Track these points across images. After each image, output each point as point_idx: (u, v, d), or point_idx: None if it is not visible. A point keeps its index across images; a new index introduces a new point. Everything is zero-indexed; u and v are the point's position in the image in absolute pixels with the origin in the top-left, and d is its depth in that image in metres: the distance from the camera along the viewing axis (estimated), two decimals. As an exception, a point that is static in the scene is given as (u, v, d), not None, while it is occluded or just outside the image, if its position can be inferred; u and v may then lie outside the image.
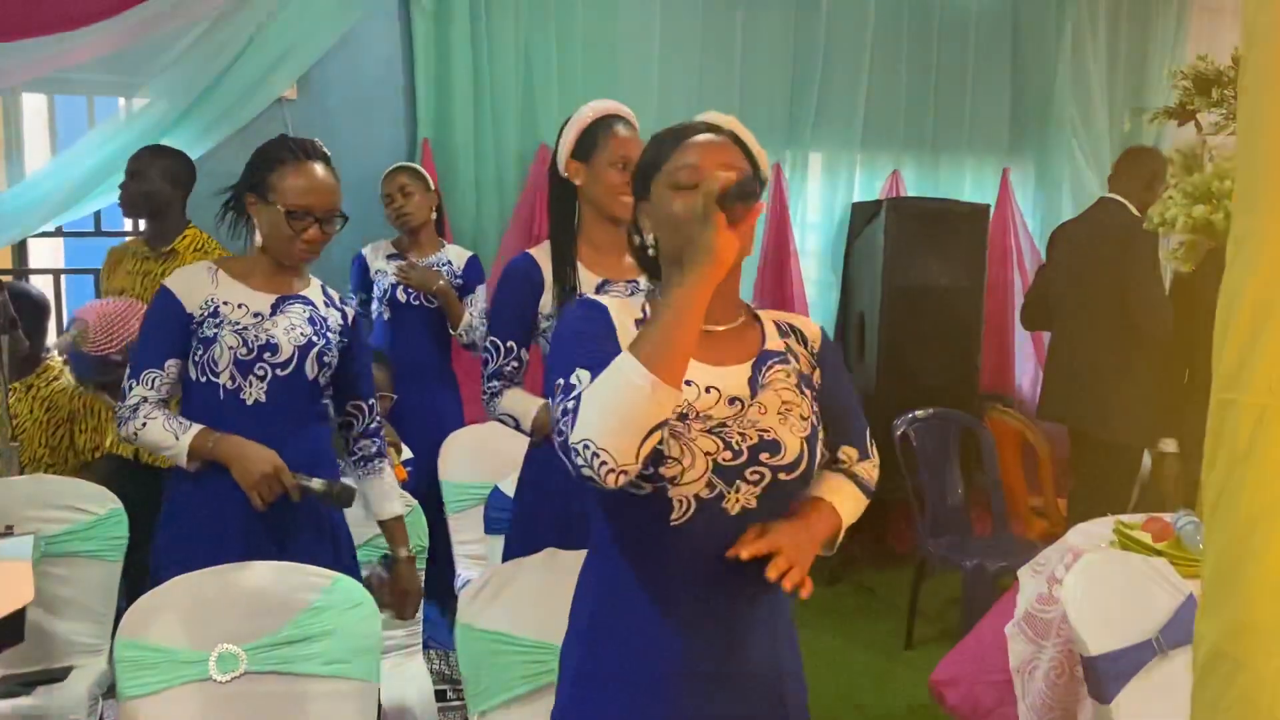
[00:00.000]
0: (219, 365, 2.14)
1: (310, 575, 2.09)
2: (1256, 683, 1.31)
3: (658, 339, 1.31)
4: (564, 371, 1.37)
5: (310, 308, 2.26)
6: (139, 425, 2.13)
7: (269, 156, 2.18)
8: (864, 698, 3.60)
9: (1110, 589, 2.25)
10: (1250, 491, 1.33)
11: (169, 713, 1.95)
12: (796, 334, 1.58)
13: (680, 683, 1.44)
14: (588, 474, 1.29)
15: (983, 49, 5.14)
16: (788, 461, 1.43)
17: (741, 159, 1.48)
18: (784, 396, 1.48)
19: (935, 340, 4.76)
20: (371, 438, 2.40)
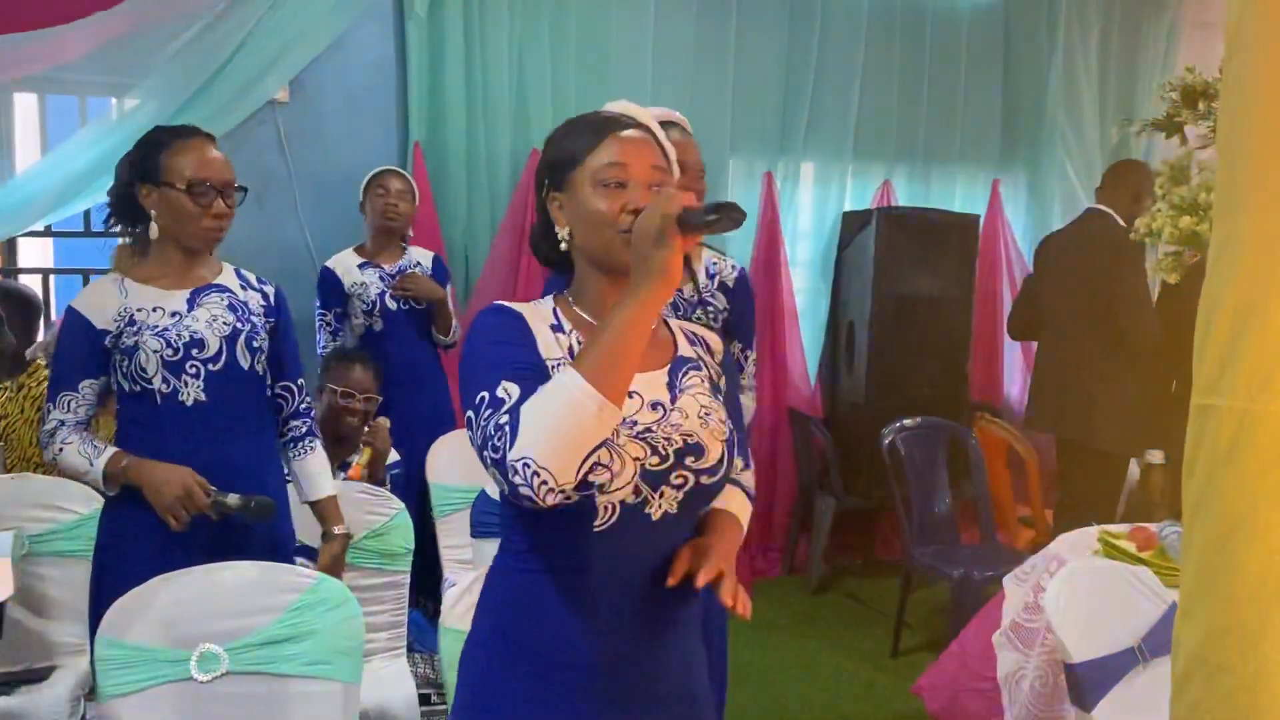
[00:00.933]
0: (149, 371, 2.11)
1: (293, 575, 2.09)
2: (1237, 686, 1.31)
3: (605, 357, 1.26)
4: (487, 384, 1.31)
5: (228, 294, 2.22)
6: (57, 450, 2.12)
7: (153, 142, 2.14)
8: (850, 706, 3.60)
9: (1093, 597, 2.25)
10: (1230, 496, 1.34)
11: (149, 712, 1.94)
12: (703, 343, 1.57)
13: (595, 692, 1.39)
14: (525, 493, 1.23)
15: (974, 61, 5.16)
16: (710, 465, 1.41)
17: (659, 155, 1.45)
18: (701, 401, 1.46)
19: (925, 350, 4.78)
20: (301, 418, 2.36)
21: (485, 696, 1.43)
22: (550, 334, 1.44)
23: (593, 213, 1.41)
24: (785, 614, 4.41)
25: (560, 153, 1.46)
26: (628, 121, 1.45)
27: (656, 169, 1.43)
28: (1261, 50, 1.29)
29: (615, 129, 1.44)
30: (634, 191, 1.40)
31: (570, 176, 1.44)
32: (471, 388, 1.34)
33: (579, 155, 1.43)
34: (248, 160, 3.70)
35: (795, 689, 3.70)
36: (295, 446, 2.36)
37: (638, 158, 1.42)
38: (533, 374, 1.33)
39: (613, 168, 1.40)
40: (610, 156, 1.41)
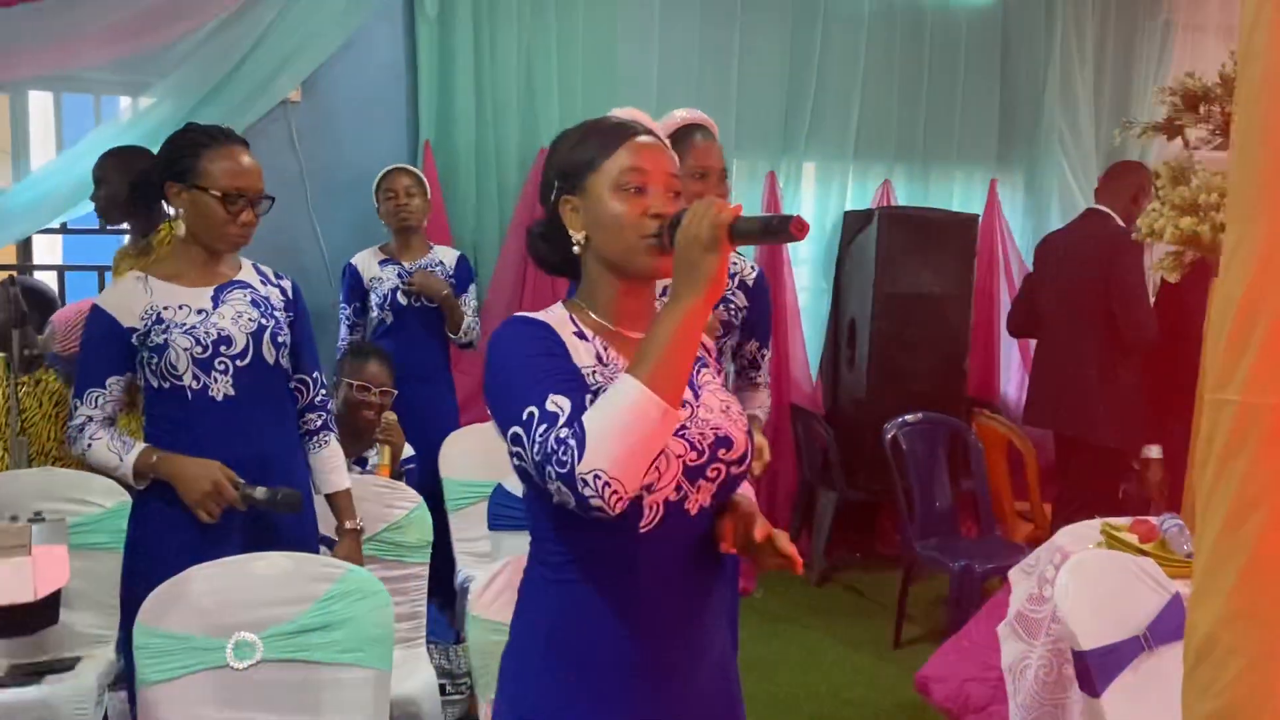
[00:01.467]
0: (179, 368, 2.16)
1: (324, 566, 2.15)
2: (1248, 666, 1.38)
3: (662, 364, 1.28)
4: (534, 399, 1.31)
5: (250, 290, 2.27)
6: (85, 445, 2.17)
7: (191, 143, 2.17)
8: (853, 694, 3.67)
9: (1101, 586, 2.32)
10: (1240, 486, 1.40)
11: (188, 698, 2.00)
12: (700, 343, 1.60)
13: (644, 690, 1.42)
14: (597, 504, 1.24)
15: (972, 63, 5.24)
16: (738, 455, 1.45)
17: (675, 165, 1.48)
18: (720, 396, 1.50)
19: (924, 346, 4.85)
20: (317, 411, 2.40)
21: (537, 709, 1.43)
22: (577, 341, 1.44)
23: (614, 217, 1.41)
24: (788, 606, 4.48)
25: (576, 157, 1.46)
26: (642, 129, 1.48)
27: (674, 176, 1.45)
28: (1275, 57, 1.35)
29: (632, 135, 1.46)
30: (654, 197, 1.42)
31: (587, 181, 1.44)
32: (514, 403, 1.32)
33: (597, 160, 1.44)
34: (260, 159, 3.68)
35: (800, 678, 3.77)
36: (311, 439, 2.41)
37: (656, 164, 1.44)
38: (577, 384, 1.34)
39: (633, 173, 1.42)
40: (630, 162, 1.42)
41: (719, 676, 1.52)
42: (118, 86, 3.84)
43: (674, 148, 2.30)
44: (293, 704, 2.05)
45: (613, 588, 1.40)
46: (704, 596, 1.46)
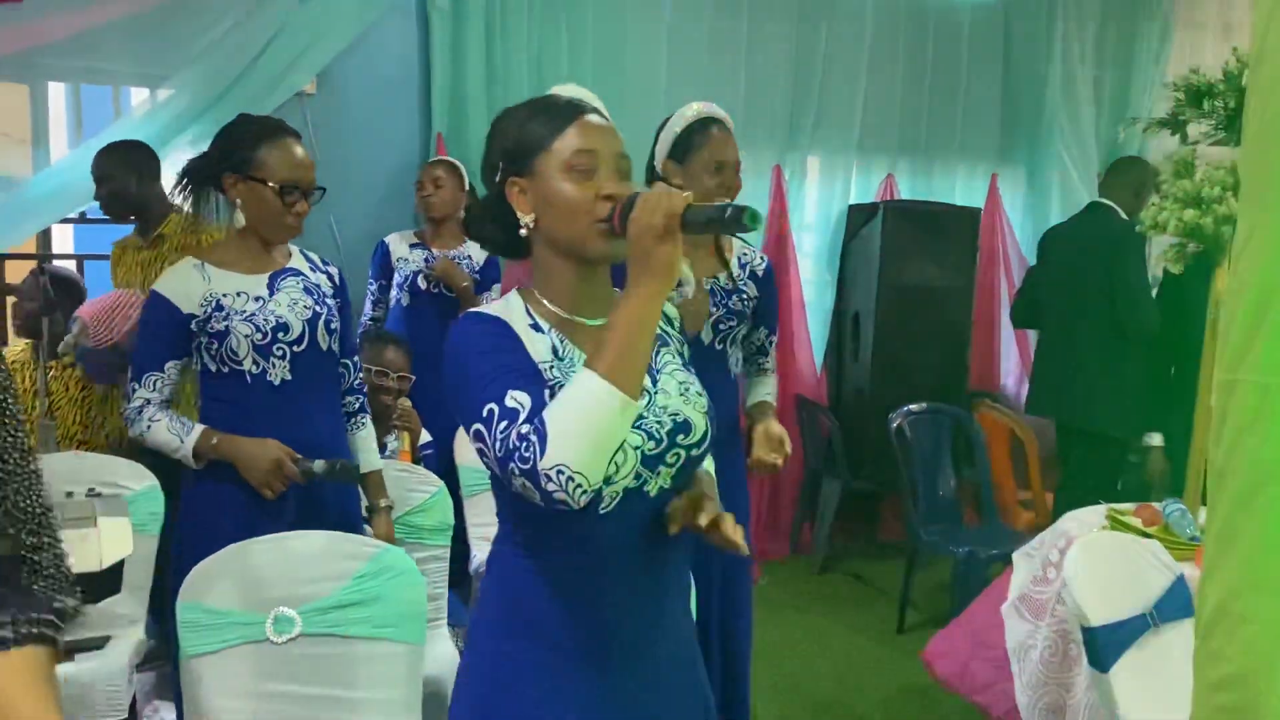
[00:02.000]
0: (239, 354, 2.23)
1: (358, 544, 2.20)
2: (1257, 634, 1.45)
3: (621, 356, 1.27)
4: (493, 396, 1.30)
5: (302, 278, 2.33)
6: (144, 427, 2.23)
7: (248, 135, 2.22)
8: (859, 678, 3.74)
9: (1109, 566, 2.39)
10: (1252, 461, 1.48)
11: (229, 670, 2.06)
12: (664, 316, 1.57)
13: (606, 657, 1.43)
14: (560, 498, 1.24)
15: (975, 59, 5.32)
16: (697, 439, 1.45)
17: (621, 145, 1.44)
18: (678, 377, 1.48)
19: (927, 338, 4.93)
20: (355, 394, 2.46)
21: (500, 672, 1.43)
22: (532, 334, 1.42)
23: (564, 200, 1.38)
24: (792, 593, 4.56)
25: (523, 137, 1.42)
26: (590, 107, 1.44)
27: (623, 157, 1.42)
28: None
29: (580, 114, 1.41)
30: (604, 178, 1.39)
31: (534, 162, 1.40)
32: (474, 401, 1.31)
33: (545, 140, 1.39)
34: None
35: (806, 663, 3.84)
36: (349, 421, 2.47)
37: (606, 144, 1.40)
38: (534, 379, 1.34)
39: (582, 154, 1.38)
40: (579, 143, 1.38)
41: (680, 649, 1.53)
42: (137, 78, 3.89)
43: (690, 140, 2.36)
44: (329, 677, 2.11)
45: (574, 562, 1.41)
46: (661, 568, 1.47)
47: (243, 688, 2.07)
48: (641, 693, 1.46)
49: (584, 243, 1.39)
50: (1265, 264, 1.46)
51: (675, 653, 1.52)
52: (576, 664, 1.42)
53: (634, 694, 1.45)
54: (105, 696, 2.53)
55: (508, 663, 1.43)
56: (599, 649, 1.42)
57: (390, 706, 2.13)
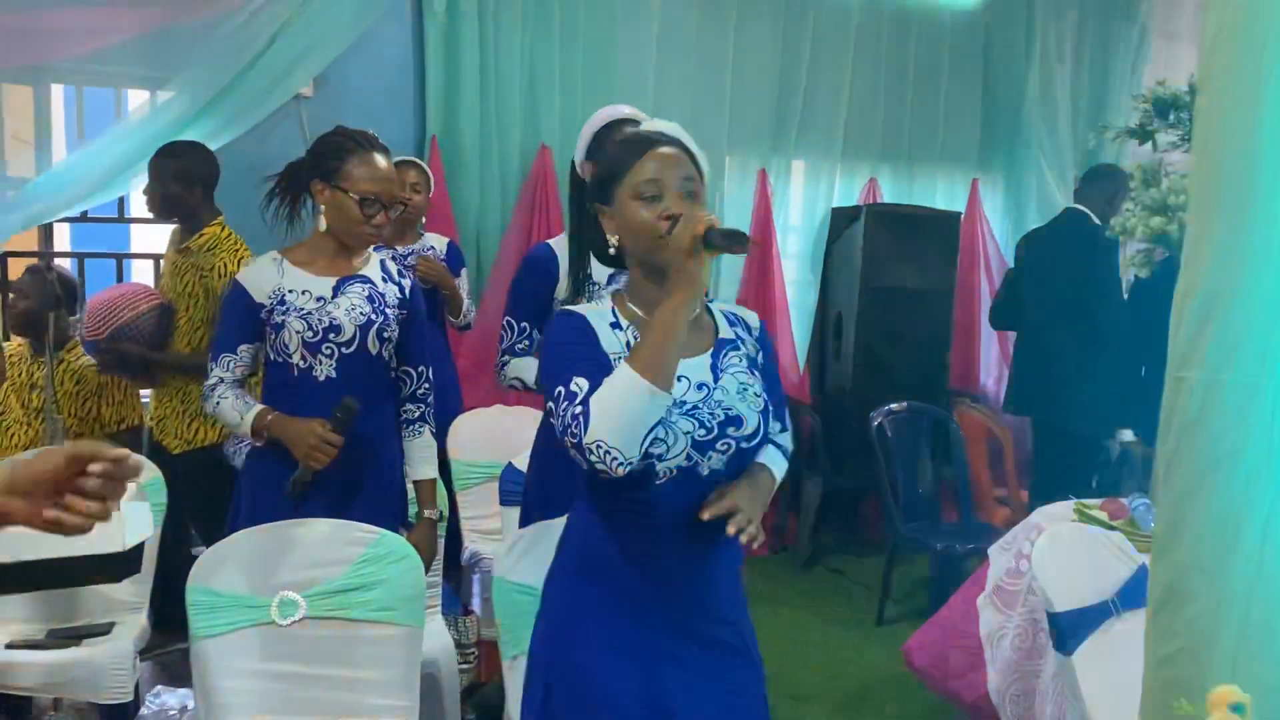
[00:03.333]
0: (290, 348, 2.34)
1: (358, 531, 2.30)
2: (1203, 611, 1.58)
3: (652, 353, 1.54)
4: (562, 380, 1.59)
5: (370, 286, 2.43)
6: (215, 404, 2.35)
7: (338, 147, 2.34)
8: (841, 668, 3.86)
9: (1074, 555, 2.51)
10: (1198, 451, 1.60)
11: (237, 651, 2.16)
12: (742, 323, 1.82)
13: (660, 604, 1.68)
14: (600, 468, 1.53)
15: (955, 67, 5.47)
16: (749, 433, 1.68)
17: (691, 168, 1.70)
18: (740, 379, 1.72)
19: (908, 339, 5.05)
20: (418, 403, 2.55)
21: (574, 615, 1.72)
22: (610, 331, 1.69)
23: (635, 223, 1.65)
24: (776, 587, 4.66)
25: (605, 170, 1.71)
26: (660, 138, 1.70)
27: (687, 179, 1.67)
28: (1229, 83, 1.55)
29: (651, 147, 1.68)
30: (669, 200, 1.64)
31: (614, 191, 1.69)
32: (550, 383, 1.62)
33: (620, 172, 1.68)
34: (273, 151, 3.84)
35: (789, 654, 3.95)
36: (407, 428, 2.55)
37: (670, 172, 1.66)
38: (598, 368, 1.59)
39: (648, 183, 1.65)
40: (647, 173, 1.65)
41: (728, 608, 1.75)
42: (138, 80, 3.96)
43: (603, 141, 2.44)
44: (332, 658, 2.21)
45: (636, 523, 1.67)
46: (710, 538, 1.66)
47: (249, 668, 2.18)
48: (689, 639, 1.70)
49: (652, 256, 1.66)
50: (1211, 271, 1.59)
51: (722, 611, 1.74)
52: (634, 606, 1.68)
53: (682, 640, 1.69)
54: (111, 679, 2.63)
55: (578, 601, 1.72)
56: (653, 598, 1.68)
57: (390, 686, 2.24)
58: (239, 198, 3.28)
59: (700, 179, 1.72)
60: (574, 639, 1.71)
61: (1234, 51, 1.56)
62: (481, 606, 3.54)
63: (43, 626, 2.78)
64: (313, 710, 2.19)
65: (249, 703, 2.16)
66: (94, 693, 2.63)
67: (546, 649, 1.76)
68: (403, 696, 2.25)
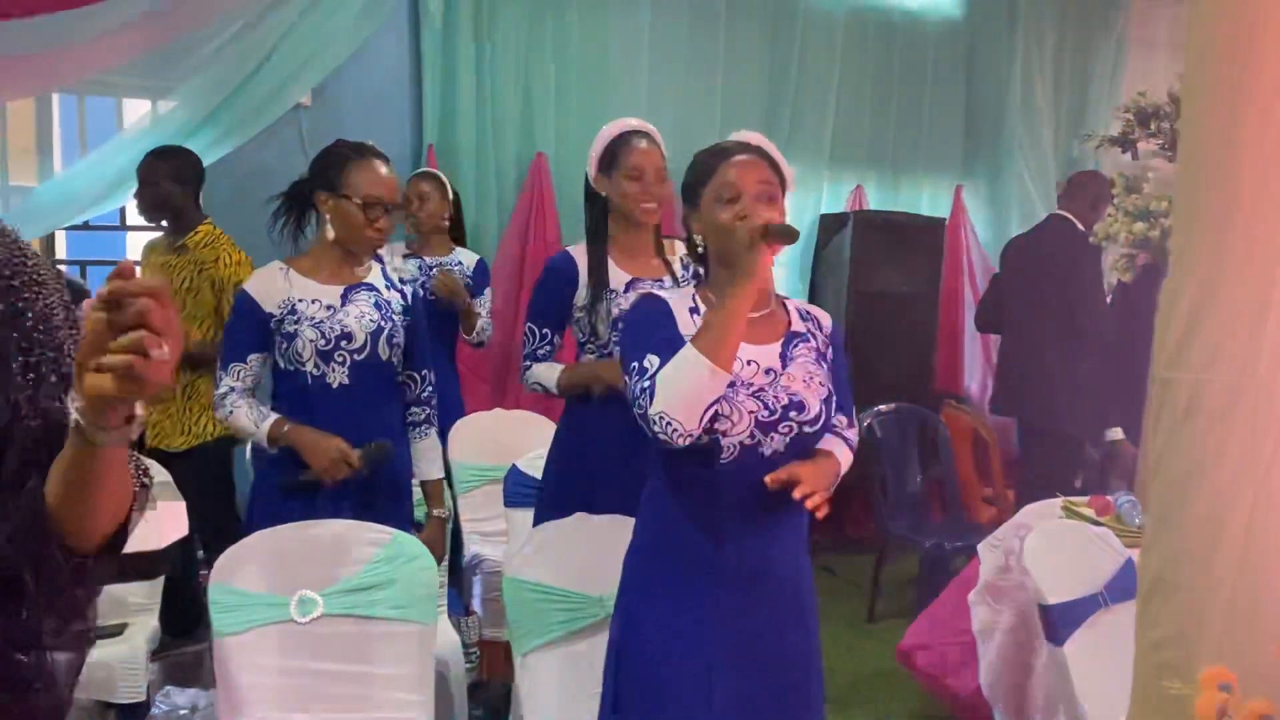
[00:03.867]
0: (303, 356, 2.39)
1: (374, 532, 2.36)
2: (1190, 599, 1.66)
3: (715, 336, 1.69)
4: (638, 356, 1.75)
5: (375, 293, 2.49)
6: (227, 413, 2.40)
7: (339, 157, 2.41)
8: (833, 663, 3.89)
9: (1064, 550, 2.60)
10: (1185, 449, 1.69)
11: (257, 648, 2.22)
12: (814, 320, 1.97)
13: (723, 583, 1.81)
14: (663, 438, 1.68)
15: (939, 76, 5.59)
16: (811, 418, 1.82)
17: (770, 173, 1.83)
18: (808, 368, 1.86)
19: (895, 342, 5.14)
20: (422, 405, 2.62)
21: (646, 587, 1.88)
22: (688, 315, 1.85)
23: (715, 223, 1.81)
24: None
25: (692, 177, 1.87)
26: (738, 147, 1.86)
27: (763, 183, 1.81)
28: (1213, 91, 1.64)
29: (730, 154, 1.84)
30: (746, 203, 1.78)
31: (699, 196, 1.85)
32: (627, 358, 1.80)
33: (704, 179, 1.84)
34: (272, 159, 3.94)
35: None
36: (413, 430, 2.62)
37: (747, 176, 1.80)
38: (670, 348, 1.73)
39: (727, 185, 1.80)
40: (726, 178, 1.81)
41: (791, 582, 1.88)
42: (139, 90, 4.02)
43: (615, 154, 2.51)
44: (349, 654, 2.27)
45: (698, 502, 1.82)
46: (773, 514, 1.81)
47: (269, 664, 2.23)
48: (752, 608, 1.83)
49: (728, 253, 1.79)
50: (1197, 276, 1.67)
51: (783, 584, 1.87)
52: (702, 578, 1.82)
53: (746, 608, 1.83)
54: (125, 679, 2.68)
55: (653, 576, 1.87)
56: (719, 569, 1.81)
57: (405, 681, 2.30)
58: (239, 206, 3.35)
59: (780, 184, 1.85)
60: (641, 623, 1.86)
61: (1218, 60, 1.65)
62: (482, 607, 3.60)
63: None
64: (331, 705, 2.25)
65: (269, 698, 2.21)
66: (108, 693, 2.67)
67: (620, 628, 1.90)
68: (417, 691, 2.31)
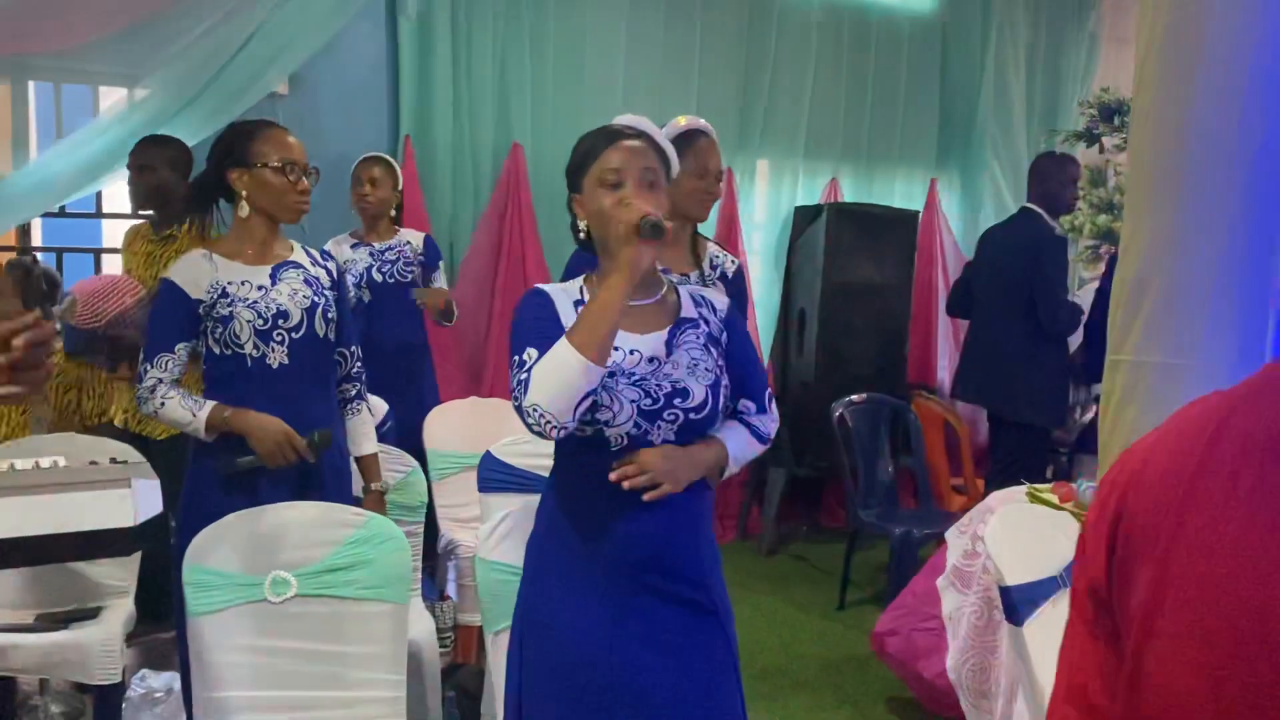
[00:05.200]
0: (241, 338, 2.39)
1: (347, 514, 2.40)
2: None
3: (588, 329, 1.67)
4: (518, 350, 1.74)
5: (302, 270, 2.50)
6: (158, 404, 2.36)
7: (240, 133, 2.43)
8: (804, 649, 4.01)
9: (1024, 533, 2.66)
10: (1130, 429, 1.75)
11: (230, 628, 2.25)
12: (708, 304, 1.93)
13: (622, 563, 1.79)
14: (537, 430, 1.67)
15: (914, 69, 5.65)
16: (695, 405, 1.79)
17: (655, 159, 1.82)
18: (693, 355, 1.83)
19: (868, 333, 5.21)
20: (353, 381, 2.63)
21: (542, 574, 1.87)
22: (572, 308, 1.83)
23: (598, 209, 1.78)
24: (740, 573, 4.80)
25: (576, 160, 1.84)
26: (627, 131, 1.83)
27: (648, 170, 1.79)
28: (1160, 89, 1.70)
29: (616, 139, 1.80)
30: (629, 189, 1.76)
31: (583, 179, 1.82)
32: (512, 350, 1.78)
33: (588, 162, 1.81)
34: (250, 149, 3.96)
35: (754, 636, 4.09)
36: (346, 406, 2.64)
37: (632, 162, 1.78)
38: (549, 341, 1.71)
39: (610, 171, 1.78)
40: (610, 163, 1.78)
41: (692, 567, 1.85)
42: (115, 78, 4.01)
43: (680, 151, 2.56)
44: (322, 634, 2.31)
45: (591, 490, 1.80)
46: (667, 505, 1.78)
47: (244, 643, 2.26)
48: (652, 595, 1.80)
49: (611, 240, 1.75)
50: (1142, 262, 1.74)
51: (684, 570, 1.84)
52: (596, 571, 1.80)
53: (645, 596, 1.80)
54: (100, 661, 2.69)
55: (550, 562, 1.86)
56: (614, 561, 1.79)
57: (378, 660, 2.34)
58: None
59: (663, 170, 1.84)
60: (544, 596, 1.85)
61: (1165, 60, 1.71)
62: (457, 592, 3.64)
63: (31, 611, 2.85)
64: (305, 684, 2.28)
65: (244, 676, 2.25)
66: (83, 674, 2.69)
67: (522, 606, 1.91)
68: (390, 671, 2.34)
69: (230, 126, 2.49)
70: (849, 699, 3.60)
